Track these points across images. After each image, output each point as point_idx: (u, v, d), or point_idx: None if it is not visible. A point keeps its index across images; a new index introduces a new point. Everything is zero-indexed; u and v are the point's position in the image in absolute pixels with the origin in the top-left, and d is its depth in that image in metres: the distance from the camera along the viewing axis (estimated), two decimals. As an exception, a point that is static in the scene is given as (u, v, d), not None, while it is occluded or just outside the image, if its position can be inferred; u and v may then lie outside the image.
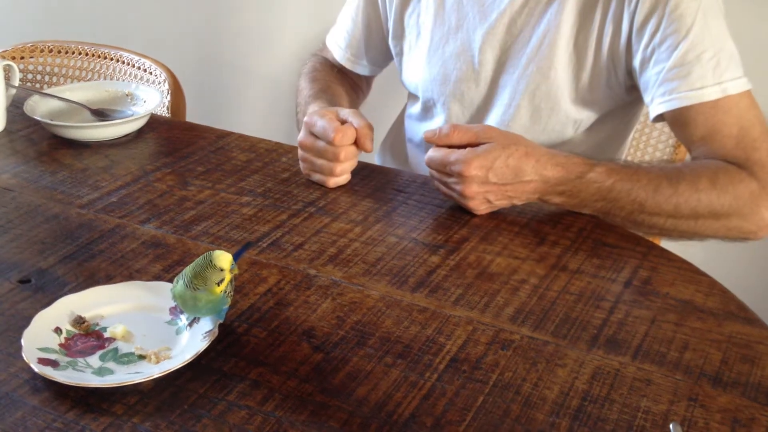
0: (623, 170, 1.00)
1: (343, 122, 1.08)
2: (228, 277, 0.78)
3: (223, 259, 0.78)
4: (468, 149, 0.99)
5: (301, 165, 1.13)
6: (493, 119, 1.20)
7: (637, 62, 1.07)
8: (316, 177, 1.11)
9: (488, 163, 0.98)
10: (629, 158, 1.47)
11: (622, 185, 0.99)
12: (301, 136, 1.10)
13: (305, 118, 1.10)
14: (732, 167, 1.00)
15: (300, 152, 1.11)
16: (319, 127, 1.07)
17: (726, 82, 1.01)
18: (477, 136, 1.00)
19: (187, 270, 0.79)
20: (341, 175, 1.10)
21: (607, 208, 1.01)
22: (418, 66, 1.25)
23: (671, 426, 0.68)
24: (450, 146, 1.01)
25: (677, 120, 1.04)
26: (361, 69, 1.38)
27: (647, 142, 1.46)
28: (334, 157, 1.07)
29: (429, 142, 1.03)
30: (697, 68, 1.01)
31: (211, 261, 0.77)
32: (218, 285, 0.77)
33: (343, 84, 1.36)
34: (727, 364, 0.77)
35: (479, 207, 1.02)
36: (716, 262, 1.27)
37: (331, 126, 1.06)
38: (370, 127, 1.07)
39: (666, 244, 1.12)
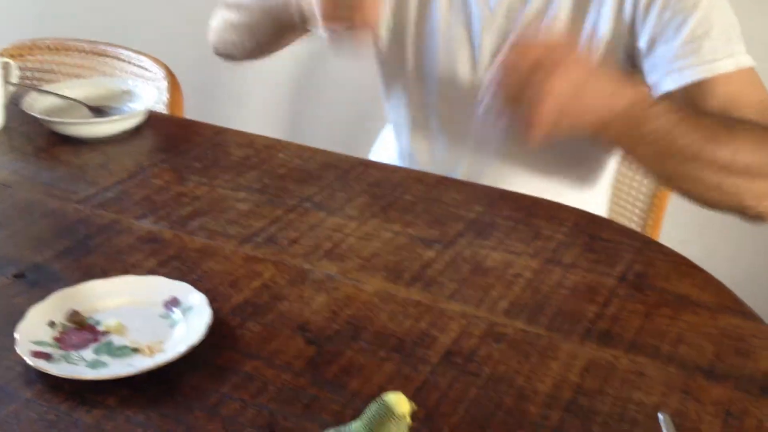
0: (686, 112, 0.96)
1: None
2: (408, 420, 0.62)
3: (403, 402, 0.61)
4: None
5: (322, 25, 0.97)
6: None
7: (643, 43, 1.06)
8: (345, 27, 0.97)
9: (587, 65, 0.91)
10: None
11: (685, 125, 0.93)
12: None
13: None
14: None
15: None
16: None
17: (738, 55, 1.00)
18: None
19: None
20: (372, 26, 0.96)
21: (663, 150, 0.94)
22: (412, 53, 1.24)
23: (659, 416, 0.68)
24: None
25: (690, 97, 1.02)
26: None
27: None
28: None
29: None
30: (707, 42, 1.00)
31: (389, 409, 0.60)
32: None
33: None
34: (720, 357, 0.78)
35: (548, 114, 0.88)
36: (714, 259, 1.27)
37: None
38: None
39: (663, 239, 1.12)
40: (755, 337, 0.80)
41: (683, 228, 1.62)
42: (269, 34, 1.22)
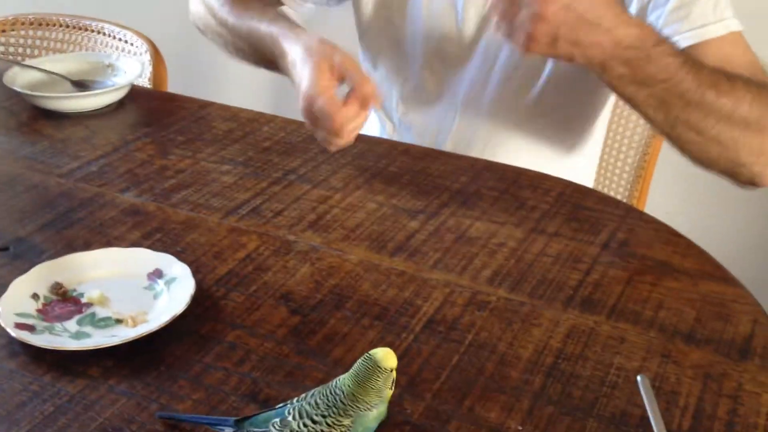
0: (687, 54, 0.94)
1: (341, 77, 0.97)
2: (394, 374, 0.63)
3: (390, 357, 0.63)
4: None
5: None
6: (473, 76, 1.19)
7: (634, 11, 1.06)
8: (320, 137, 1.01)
9: None
10: (616, 120, 1.47)
11: (689, 67, 0.93)
12: (303, 108, 0.99)
13: (304, 90, 0.97)
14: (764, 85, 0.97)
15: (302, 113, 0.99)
16: (318, 108, 0.96)
17: (727, 19, 1.00)
18: None
19: (345, 385, 0.62)
20: (345, 146, 1.00)
21: (666, 94, 0.93)
22: (398, 24, 1.23)
23: (638, 378, 0.69)
24: None
25: None
26: (295, 5, 1.26)
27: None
28: (337, 135, 0.97)
29: None
30: (696, 8, 1.00)
31: (376, 363, 0.62)
32: (390, 388, 0.63)
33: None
34: (701, 322, 0.78)
35: (542, 38, 0.89)
36: (699, 228, 1.28)
37: (331, 109, 0.95)
38: (373, 87, 0.97)
39: (649, 210, 1.13)
40: (736, 302, 0.81)
41: (669, 199, 1.62)
42: (259, 64, 1.19)
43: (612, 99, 1.27)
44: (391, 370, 0.62)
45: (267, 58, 1.11)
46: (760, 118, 0.94)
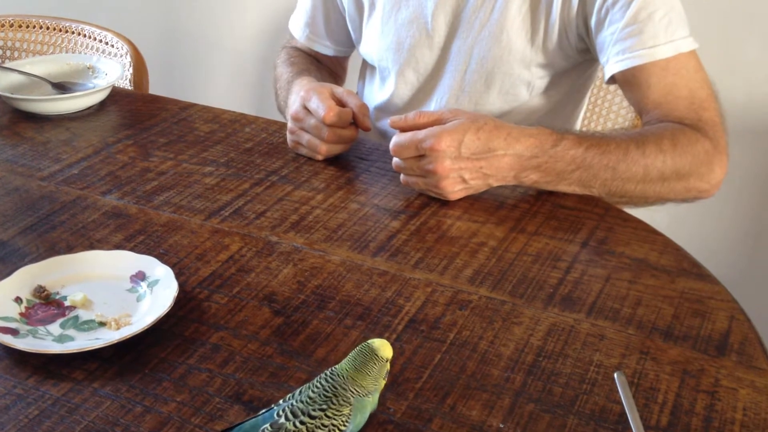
0: (591, 137, 1.00)
1: (339, 103, 1.07)
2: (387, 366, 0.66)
3: (386, 347, 0.65)
4: (437, 126, 0.97)
5: (288, 137, 1.11)
6: (446, 84, 1.20)
7: (592, 23, 1.08)
8: (303, 151, 1.11)
9: (459, 135, 0.95)
10: (592, 125, 1.49)
11: (594, 150, 0.97)
12: (295, 108, 1.09)
13: (301, 92, 1.09)
14: (687, 128, 1.02)
15: (289, 124, 1.10)
16: (312, 103, 1.06)
17: (678, 40, 1.03)
18: (443, 116, 0.98)
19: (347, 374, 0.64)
20: (327, 154, 1.09)
21: (583, 178, 0.98)
22: (372, 36, 1.25)
23: (615, 375, 0.70)
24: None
25: (629, 82, 1.05)
26: (323, 48, 1.36)
27: (609, 108, 1.47)
28: (321, 135, 1.06)
29: (394, 127, 1.00)
30: (650, 26, 1.02)
31: (373, 351, 0.64)
32: (384, 379, 0.65)
33: (320, 69, 1.35)
34: (679, 319, 0.79)
35: (454, 187, 0.97)
36: (681, 226, 1.29)
37: (324, 105, 1.04)
38: (366, 107, 1.07)
39: (631, 209, 1.14)
40: (713, 298, 0.82)
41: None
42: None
43: (586, 99, 1.29)
44: (387, 361, 0.64)
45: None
46: (677, 168, 1.00)
